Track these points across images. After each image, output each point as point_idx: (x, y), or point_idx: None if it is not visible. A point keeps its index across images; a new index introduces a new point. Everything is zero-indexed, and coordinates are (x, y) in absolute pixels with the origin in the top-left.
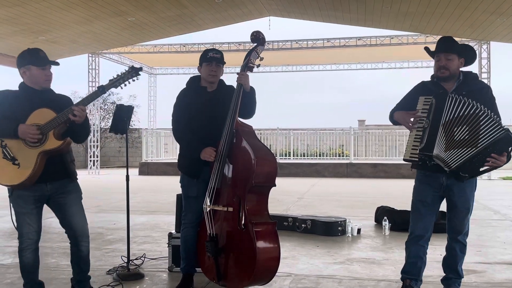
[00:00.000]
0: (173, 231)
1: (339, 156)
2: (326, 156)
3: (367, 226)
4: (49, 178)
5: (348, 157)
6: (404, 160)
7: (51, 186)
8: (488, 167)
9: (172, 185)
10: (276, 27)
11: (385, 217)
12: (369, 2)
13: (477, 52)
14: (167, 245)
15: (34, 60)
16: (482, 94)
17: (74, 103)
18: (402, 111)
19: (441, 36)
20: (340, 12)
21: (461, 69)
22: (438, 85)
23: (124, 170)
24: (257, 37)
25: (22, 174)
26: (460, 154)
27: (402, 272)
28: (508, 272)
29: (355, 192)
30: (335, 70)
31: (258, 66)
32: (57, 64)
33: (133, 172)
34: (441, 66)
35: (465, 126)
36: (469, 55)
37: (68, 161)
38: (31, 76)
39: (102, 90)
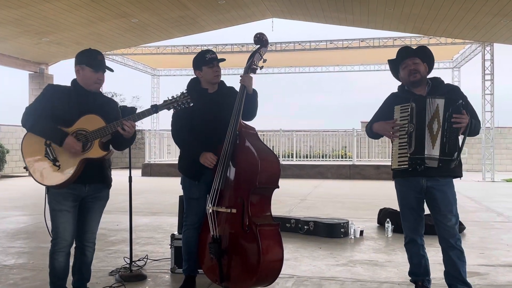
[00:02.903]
0: (176, 233)
1: (342, 157)
2: (329, 157)
3: (369, 228)
4: (88, 180)
5: (351, 159)
6: (392, 169)
7: (88, 188)
8: (460, 127)
9: (175, 186)
10: (279, 29)
11: (388, 219)
12: (372, 4)
13: (480, 54)
14: (169, 246)
15: (90, 62)
16: (456, 94)
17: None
18: (381, 121)
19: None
20: (343, 14)
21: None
22: (411, 93)
23: (127, 171)
24: (260, 39)
25: (61, 177)
26: (440, 141)
27: (411, 274)
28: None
29: (358, 194)
30: (338, 71)
31: (261, 68)
32: (111, 70)
33: (136, 173)
34: (411, 69)
35: (435, 119)
36: (429, 58)
37: (106, 167)
38: (83, 76)
39: (155, 109)
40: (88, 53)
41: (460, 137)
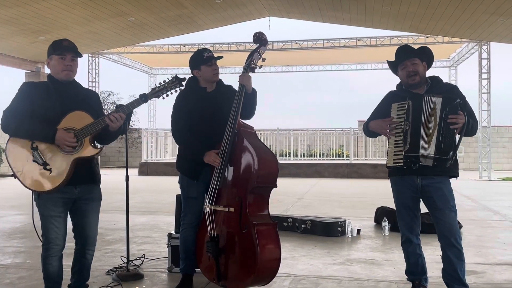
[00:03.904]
0: (173, 232)
1: (339, 156)
2: (326, 156)
3: (366, 227)
4: (78, 181)
5: (348, 158)
6: (387, 167)
7: (79, 190)
8: (456, 128)
9: (172, 185)
10: (276, 28)
11: (385, 218)
12: (369, 3)
13: (477, 52)
14: (166, 245)
15: (55, 50)
16: (454, 93)
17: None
18: (377, 119)
19: (398, 47)
20: (340, 13)
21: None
22: (409, 91)
23: (124, 170)
24: (260, 38)
25: (54, 181)
26: (436, 140)
27: (408, 273)
28: (508, 273)
29: (355, 193)
30: (335, 70)
31: (261, 67)
32: (80, 55)
33: (133, 172)
34: (410, 71)
35: (432, 118)
36: (428, 56)
37: (94, 163)
38: (52, 66)
39: (144, 98)
40: (53, 43)
41: (457, 137)
